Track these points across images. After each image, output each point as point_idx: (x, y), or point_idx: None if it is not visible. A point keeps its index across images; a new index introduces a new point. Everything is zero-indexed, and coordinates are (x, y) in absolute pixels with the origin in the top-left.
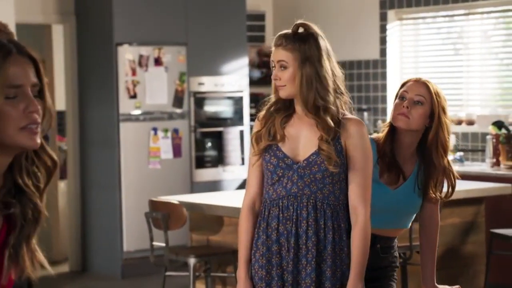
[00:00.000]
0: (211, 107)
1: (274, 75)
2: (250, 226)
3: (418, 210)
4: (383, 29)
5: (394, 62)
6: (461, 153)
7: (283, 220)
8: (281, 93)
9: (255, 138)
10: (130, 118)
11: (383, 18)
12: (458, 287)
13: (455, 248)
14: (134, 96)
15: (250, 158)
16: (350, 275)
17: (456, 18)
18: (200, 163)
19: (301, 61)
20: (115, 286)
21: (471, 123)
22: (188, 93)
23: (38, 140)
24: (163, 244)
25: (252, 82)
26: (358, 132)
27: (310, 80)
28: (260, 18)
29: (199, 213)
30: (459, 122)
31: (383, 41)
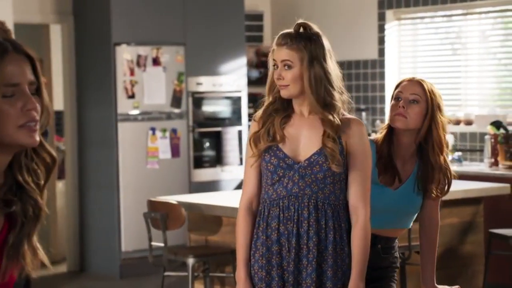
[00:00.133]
0: (209, 107)
1: (278, 75)
2: (248, 226)
3: (419, 210)
4: (381, 29)
5: (392, 62)
6: (459, 153)
7: (284, 220)
8: (283, 92)
9: (253, 139)
10: (128, 118)
11: (381, 18)
12: (457, 287)
13: (453, 248)
14: (132, 96)
15: (247, 159)
16: (351, 275)
17: (454, 18)
18: (198, 163)
19: (309, 60)
20: (113, 286)
21: (469, 123)
22: (186, 93)
23: (37, 137)
24: (162, 244)
25: (250, 82)
26: (359, 132)
27: (320, 79)
28: (258, 18)
29: (197, 213)
30: (458, 122)
31: (381, 41)
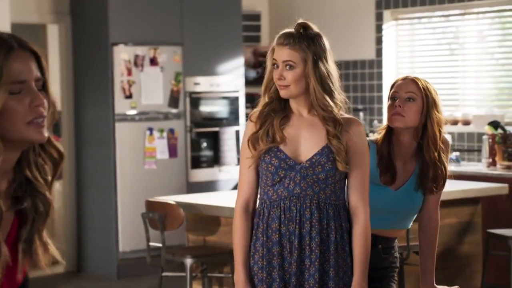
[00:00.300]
0: (207, 107)
1: (279, 75)
2: (245, 228)
3: (419, 210)
4: (379, 29)
5: (390, 62)
6: (457, 153)
7: (285, 221)
8: (283, 93)
9: (251, 141)
10: (126, 118)
11: (379, 18)
12: (457, 287)
13: (451, 249)
14: (129, 96)
15: (244, 160)
16: (355, 275)
17: (452, 18)
18: (196, 163)
19: (313, 61)
20: (110, 286)
21: (467, 123)
22: (183, 93)
23: (45, 133)
24: (160, 245)
25: (248, 82)
26: (359, 131)
27: (324, 79)
28: (256, 18)
29: (196, 213)
30: (455, 122)
31: (379, 41)
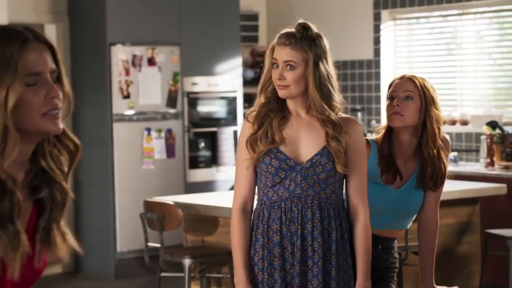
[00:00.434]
0: (205, 107)
1: (279, 75)
2: (244, 229)
3: (419, 209)
4: (376, 29)
5: (387, 62)
6: (455, 153)
7: (287, 222)
8: (282, 93)
9: (250, 142)
10: (124, 118)
11: (377, 18)
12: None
13: (450, 249)
14: (127, 96)
15: (241, 161)
16: (358, 274)
17: (450, 18)
18: (194, 163)
19: (314, 61)
20: (108, 287)
21: (465, 123)
22: (181, 93)
23: (60, 125)
24: (158, 245)
25: (246, 82)
26: (357, 131)
27: (323, 81)
28: (254, 18)
29: (194, 213)
30: (453, 122)
31: (376, 41)
